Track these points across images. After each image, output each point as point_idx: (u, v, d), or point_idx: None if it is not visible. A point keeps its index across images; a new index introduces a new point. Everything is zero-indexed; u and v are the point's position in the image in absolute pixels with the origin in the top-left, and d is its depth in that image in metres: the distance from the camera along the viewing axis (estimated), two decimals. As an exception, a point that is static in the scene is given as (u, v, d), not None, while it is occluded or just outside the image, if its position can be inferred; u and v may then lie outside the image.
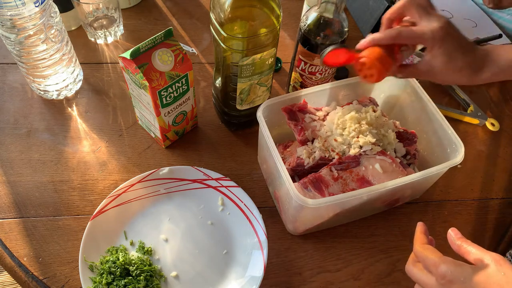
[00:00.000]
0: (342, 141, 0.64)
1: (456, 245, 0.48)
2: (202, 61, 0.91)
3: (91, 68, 0.88)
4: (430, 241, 0.51)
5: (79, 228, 0.68)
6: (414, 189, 0.72)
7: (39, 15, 0.68)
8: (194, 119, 0.79)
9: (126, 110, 0.83)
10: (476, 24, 1.03)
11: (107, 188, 0.73)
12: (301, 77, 0.76)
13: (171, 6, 1.01)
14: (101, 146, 0.78)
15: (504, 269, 0.43)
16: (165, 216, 0.70)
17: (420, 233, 0.52)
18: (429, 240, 0.51)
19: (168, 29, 0.65)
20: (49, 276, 0.65)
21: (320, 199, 0.59)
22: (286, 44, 0.96)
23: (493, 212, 0.76)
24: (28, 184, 0.73)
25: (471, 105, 0.87)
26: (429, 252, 0.48)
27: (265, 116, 0.65)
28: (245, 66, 0.66)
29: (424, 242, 0.50)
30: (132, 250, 0.66)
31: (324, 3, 0.66)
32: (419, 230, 0.52)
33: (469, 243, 0.47)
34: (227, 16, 0.61)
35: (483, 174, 0.80)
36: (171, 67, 0.66)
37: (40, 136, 0.78)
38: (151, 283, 0.62)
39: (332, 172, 0.63)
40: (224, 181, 0.71)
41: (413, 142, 0.70)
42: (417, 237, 0.51)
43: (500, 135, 0.85)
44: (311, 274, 0.67)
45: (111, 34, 0.91)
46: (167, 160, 0.77)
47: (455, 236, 0.48)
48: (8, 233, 0.68)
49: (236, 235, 0.68)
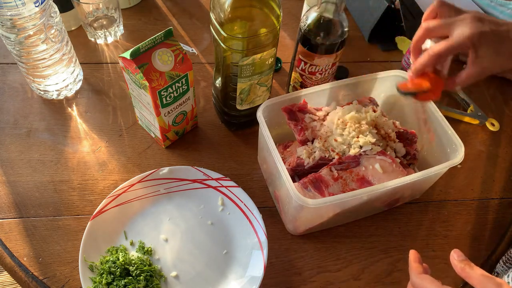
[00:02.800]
0: (342, 141, 0.64)
1: (459, 267, 0.46)
2: (202, 61, 0.91)
3: (91, 68, 0.88)
4: (425, 269, 0.50)
5: (79, 228, 0.68)
6: (414, 189, 0.72)
7: (39, 15, 0.68)
8: (194, 119, 0.79)
9: (126, 110, 0.83)
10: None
11: (107, 188, 0.73)
12: (301, 77, 0.76)
13: (171, 6, 1.01)
14: (101, 146, 0.78)
15: None
16: (165, 216, 0.70)
17: (414, 262, 0.50)
18: (424, 269, 0.50)
19: (168, 29, 0.65)
20: (49, 276, 0.65)
21: (320, 199, 0.59)
22: (286, 44, 0.96)
23: (493, 212, 0.76)
24: (28, 184, 0.73)
25: (471, 105, 0.87)
26: (427, 283, 0.47)
27: (265, 116, 0.65)
28: (245, 66, 0.66)
29: (420, 271, 0.49)
30: (132, 250, 0.66)
31: (324, 3, 0.66)
32: (412, 259, 0.51)
33: (472, 266, 0.45)
34: (227, 16, 0.61)
35: (483, 174, 0.80)
36: (171, 67, 0.66)
37: (40, 136, 0.78)
38: (151, 283, 0.62)
39: (332, 172, 0.63)
40: (224, 181, 0.71)
41: (413, 142, 0.70)
42: (412, 267, 0.50)
43: (500, 135, 0.85)
44: (311, 274, 0.67)
45: (111, 34, 0.91)
46: (167, 160, 0.77)
47: (457, 258, 0.47)
48: (8, 233, 0.68)
49: (236, 235, 0.68)
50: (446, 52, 0.54)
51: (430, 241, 0.72)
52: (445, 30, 0.54)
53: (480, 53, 0.53)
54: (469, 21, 0.53)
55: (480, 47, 0.53)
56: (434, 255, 0.71)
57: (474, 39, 0.52)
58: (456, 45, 0.53)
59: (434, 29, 0.55)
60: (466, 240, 0.73)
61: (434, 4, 0.56)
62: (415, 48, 0.59)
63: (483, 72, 0.56)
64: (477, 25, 0.52)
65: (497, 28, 0.54)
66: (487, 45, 0.53)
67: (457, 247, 0.72)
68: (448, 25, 0.54)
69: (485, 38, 0.53)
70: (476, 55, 0.54)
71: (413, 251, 0.52)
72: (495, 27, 0.54)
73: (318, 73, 0.74)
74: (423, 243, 0.72)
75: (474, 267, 0.45)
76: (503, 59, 0.54)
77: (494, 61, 0.54)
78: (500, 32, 0.54)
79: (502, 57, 0.54)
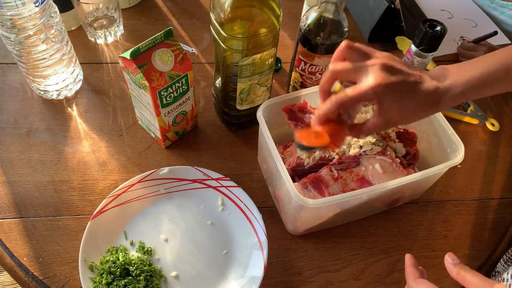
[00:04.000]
0: (342, 141, 0.64)
1: (454, 272, 0.46)
2: (202, 61, 0.92)
3: (91, 68, 0.88)
4: (422, 272, 0.50)
5: (79, 228, 0.68)
6: (414, 189, 0.72)
7: (39, 15, 0.68)
8: (194, 119, 0.79)
9: (126, 110, 0.83)
10: (476, 24, 1.03)
11: (107, 188, 0.73)
12: (301, 77, 0.76)
13: (171, 6, 1.01)
14: (101, 146, 0.78)
15: None
16: (165, 216, 0.70)
17: (411, 267, 0.50)
18: (421, 272, 0.50)
19: (168, 29, 0.65)
20: (49, 276, 0.65)
21: (320, 199, 0.58)
22: (286, 44, 0.96)
23: (493, 212, 0.76)
24: (28, 184, 0.73)
25: (471, 105, 0.87)
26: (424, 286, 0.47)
27: (265, 116, 0.65)
28: (245, 66, 0.66)
29: (416, 276, 0.49)
30: (132, 250, 0.66)
31: (324, 3, 0.66)
32: (408, 264, 0.50)
33: (467, 269, 0.45)
34: (227, 16, 0.61)
35: (483, 174, 0.80)
36: (171, 67, 0.66)
37: (40, 136, 0.78)
38: (151, 283, 0.62)
39: (332, 172, 0.63)
40: (224, 181, 0.71)
41: (413, 142, 0.70)
42: (408, 272, 0.50)
43: (500, 135, 0.85)
44: (311, 274, 0.67)
45: (111, 34, 0.91)
46: (167, 160, 0.77)
47: (451, 261, 0.46)
48: (8, 233, 0.68)
49: (236, 235, 0.68)
50: (350, 101, 0.50)
51: (430, 241, 0.72)
52: (352, 75, 0.50)
53: (385, 105, 0.50)
54: (376, 69, 0.48)
55: (384, 99, 0.49)
56: (434, 255, 0.71)
57: (379, 91, 0.48)
58: (360, 95, 0.49)
59: (340, 72, 0.51)
60: (466, 240, 0.73)
61: (342, 46, 0.51)
62: (322, 90, 0.53)
63: (389, 123, 0.52)
64: (384, 76, 0.48)
65: (404, 79, 0.50)
66: (392, 97, 0.49)
67: (457, 247, 0.72)
68: (355, 70, 0.50)
69: (390, 89, 0.49)
70: (380, 106, 0.50)
71: (408, 255, 0.51)
72: (402, 78, 0.50)
73: (318, 73, 0.74)
74: (423, 243, 0.72)
75: (469, 270, 0.45)
76: (410, 110, 0.51)
77: (399, 114, 0.51)
78: (407, 84, 0.50)
79: (409, 109, 0.50)
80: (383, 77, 0.48)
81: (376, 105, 0.50)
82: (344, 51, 0.51)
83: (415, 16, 1.02)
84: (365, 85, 0.48)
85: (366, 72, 0.49)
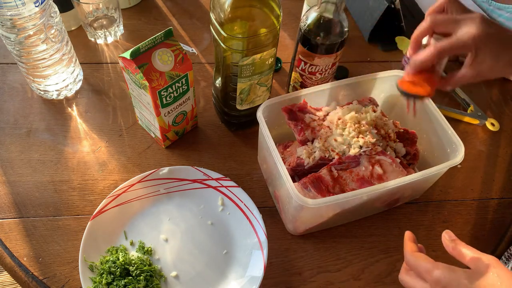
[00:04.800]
0: (342, 141, 0.64)
1: (450, 247, 0.47)
2: (202, 61, 0.92)
3: (91, 68, 0.88)
4: (420, 248, 0.50)
5: (79, 228, 0.68)
6: (414, 189, 0.72)
7: (39, 15, 0.68)
8: (194, 119, 0.79)
9: (126, 110, 0.83)
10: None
11: (107, 188, 0.73)
12: (301, 77, 0.76)
13: (171, 6, 1.01)
14: (101, 146, 0.78)
15: (498, 271, 0.42)
16: (165, 216, 0.70)
17: (409, 241, 0.51)
18: (419, 248, 0.50)
19: (168, 29, 0.65)
20: (49, 276, 0.65)
21: (320, 199, 0.59)
22: (286, 44, 0.96)
23: (493, 212, 0.76)
24: (28, 184, 0.73)
25: (471, 105, 0.87)
26: (421, 259, 0.47)
27: (265, 116, 0.65)
28: (245, 66, 0.66)
29: (414, 250, 0.50)
30: (132, 250, 0.66)
31: (324, 3, 0.66)
32: (407, 238, 0.51)
33: (463, 245, 0.46)
34: (227, 16, 0.61)
35: (483, 174, 0.80)
36: (171, 67, 0.66)
37: (40, 136, 0.78)
38: (151, 283, 0.62)
39: (332, 172, 0.63)
40: (224, 181, 0.71)
41: (413, 142, 0.70)
42: (407, 246, 0.50)
43: (500, 135, 0.85)
44: (311, 274, 0.67)
45: (111, 34, 0.91)
46: (167, 160, 0.77)
47: (448, 238, 0.48)
48: (8, 233, 0.68)
49: (236, 235, 0.68)
50: (450, 50, 0.52)
51: (430, 241, 0.72)
52: (451, 26, 0.53)
53: (480, 56, 0.52)
54: (477, 21, 0.51)
55: (481, 49, 0.51)
56: (434, 255, 0.69)
57: (478, 40, 0.51)
58: (460, 43, 0.52)
59: (440, 23, 0.54)
60: (466, 240, 0.72)
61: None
62: (416, 41, 0.56)
63: (478, 76, 0.54)
64: (484, 27, 0.51)
65: (504, 31, 0.53)
66: (490, 49, 0.51)
67: (457, 247, 0.72)
68: (455, 21, 0.53)
69: (490, 40, 0.51)
70: (475, 58, 0.52)
71: (408, 232, 0.53)
72: (502, 31, 0.53)
73: (318, 73, 0.74)
74: (423, 243, 0.71)
75: (464, 245, 0.46)
76: (501, 65, 0.53)
77: (492, 67, 0.53)
78: (506, 37, 0.53)
79: (501, 63, 0.53)
80: (484, 28, 0.51)
81: (470, 56, 0.53)
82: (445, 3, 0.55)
83: (415, 16, 1.02)
84: (466, 34, 0.51)
85: (466, 23, 0.52)
